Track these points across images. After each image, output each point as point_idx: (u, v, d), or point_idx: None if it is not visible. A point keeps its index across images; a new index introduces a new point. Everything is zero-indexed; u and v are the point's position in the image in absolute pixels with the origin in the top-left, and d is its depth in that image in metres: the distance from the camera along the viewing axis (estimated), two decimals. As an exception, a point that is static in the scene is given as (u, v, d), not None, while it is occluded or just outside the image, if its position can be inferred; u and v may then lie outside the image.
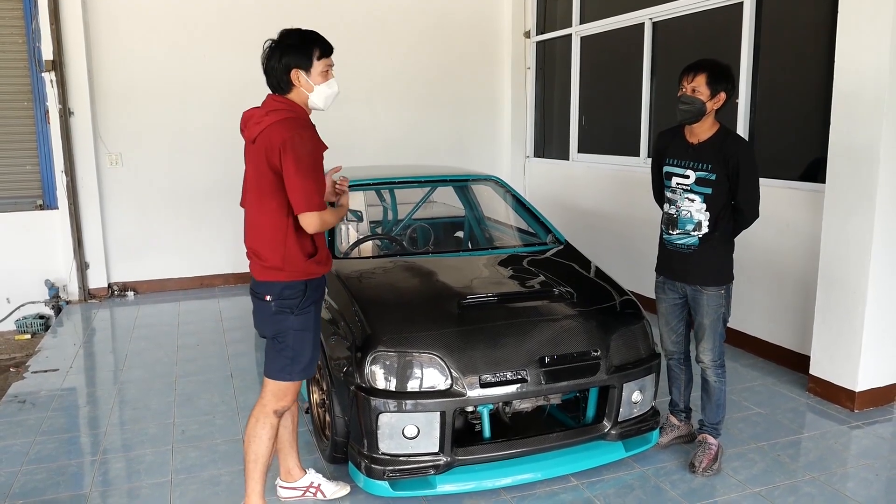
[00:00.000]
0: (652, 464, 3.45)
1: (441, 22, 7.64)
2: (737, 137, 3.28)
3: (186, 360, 4.98)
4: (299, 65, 2.64)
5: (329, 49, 2.70)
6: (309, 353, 2.80)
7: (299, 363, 2.79)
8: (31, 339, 6.05)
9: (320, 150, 2.65)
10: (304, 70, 2.64)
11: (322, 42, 2.69)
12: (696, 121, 3.20)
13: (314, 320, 2.81)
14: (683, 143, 3.31)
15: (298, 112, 2.69)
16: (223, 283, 7.10)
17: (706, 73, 3.16)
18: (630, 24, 6.24)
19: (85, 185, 6.48)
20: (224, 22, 6.79)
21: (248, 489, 2.88)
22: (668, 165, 3.36)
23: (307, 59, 2.63)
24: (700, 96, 3.15)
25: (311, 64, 2.64)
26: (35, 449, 3.68)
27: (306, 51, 2.64)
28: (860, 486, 3.26)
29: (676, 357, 3.57)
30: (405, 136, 7.63)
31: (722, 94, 3.16)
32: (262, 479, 2.87)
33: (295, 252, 2.67)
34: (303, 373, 2.82)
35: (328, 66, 2.68)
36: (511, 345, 3.12)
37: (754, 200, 3.24)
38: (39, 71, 6.21)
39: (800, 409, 4.09)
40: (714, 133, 3.24)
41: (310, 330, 2.78)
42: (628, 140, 6.34)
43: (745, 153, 3.18)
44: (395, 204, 5.34)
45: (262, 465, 2.85)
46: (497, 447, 3.12)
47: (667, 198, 3.39)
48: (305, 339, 2.77)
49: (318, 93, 2.67)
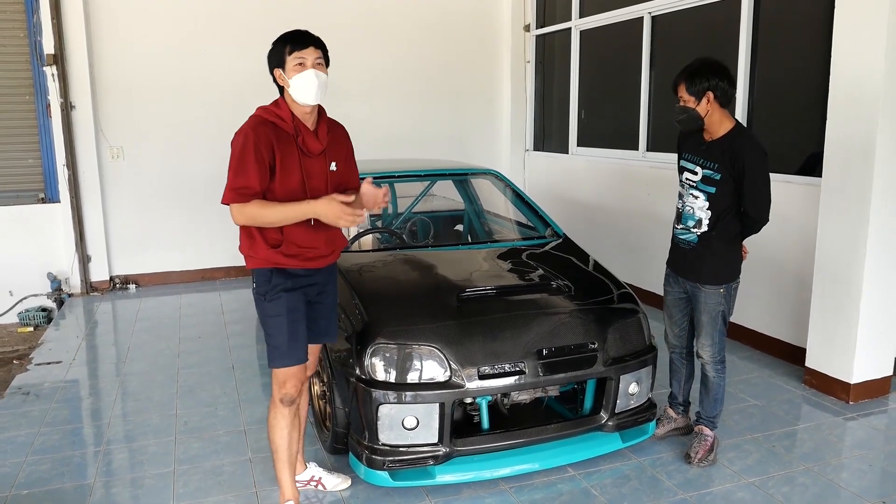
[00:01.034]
0: (648, 455, 3.49)
1: (441, 16, 7.65)
2: (746, 139, 3.20)
3: (188, 353, 5.03)
4: (277, 64, 2.70)
5: (300, 42, 2.68)
6: (285, 340, 2.77)
7: (277, 349, 2.80)
8: (33, 331, 6.09)
9: (250, 146, 2.60)
10: (281, 68, 2.69)
11: (292, 38, 2.69)
12: (695, 127, 3.22)
13: (287, 307, 2.77)
14: (699, 139, 3.30)
15: (280, 111, 2.70)
16: (224, 277, 7.14)
17: (683, 83, 3.17)
18: (629, 18, 6.26)
19: (86, 179, 6.51)
20: (225, 16, 6.80)
21: (278, 480, 2.98)
22: (683, 160, 3.38)
23: (280, 56, 2.68)
24: (689, 104, 3.17)
25: (284, 60, 2.68)
26: (39, 440, 3.72)
27: (279, 49, 2.70)
28: (854, 477, 3.30)
29: (678, 351, 3.60)
30: (405, 131, 7.65)
31: (708, 94, 3.14)
32: (286, 468, 2.94)
33: (259, 240, 2.72)
34: (283, 359, 2.80)
35: (302, 58, 2.66)
36: (509, 337, 3.16)
37: (762, 204, 3.19)
38: (41, 65, 6.23)
39: (795, 401, 4.13)
40: (727, 132, 3.20)
41: (283, 316, 2.76)
42: (627, 134, 6.36)
43: (752, 155, 3.12)
44: (395, 198, 5.36)
45: (282, 454, 2.91)
46: (495, 438, 3.15)
47: (679, 191, 3.41)
48: (279, 324, 2.77)
49: (294, 86, 2.67)
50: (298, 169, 2.70)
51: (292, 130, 2.70)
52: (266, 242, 2.72)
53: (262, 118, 2.70)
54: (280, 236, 2.72)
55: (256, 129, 2.64)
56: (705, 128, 3.25)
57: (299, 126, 2.72)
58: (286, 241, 2.73)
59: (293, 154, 2.69)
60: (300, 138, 2.71)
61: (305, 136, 2.72)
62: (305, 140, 2.72)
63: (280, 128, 2.69)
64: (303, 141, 2.71)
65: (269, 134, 2.65)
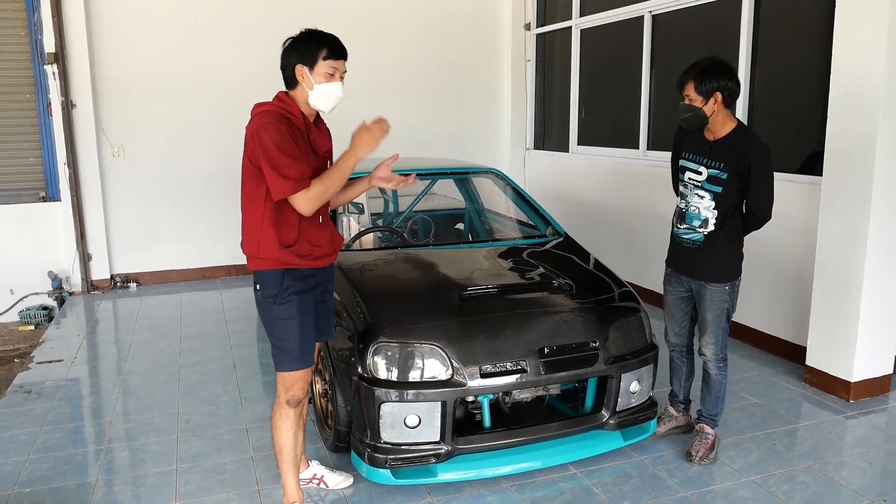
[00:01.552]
0: (649, 453, 3.50)
1: (441, 15, 7.65)
2: (751, 138, 3.21)
3: (189, 351, 5.03)
4: (304, 61, 2.63)
5: (339, 53, 2.66)
6: (297, 343, 2.75)
7: (288, 353, 2.76)
8: (34, 330, 6.10)
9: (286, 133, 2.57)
10: (308, 67, 2.63)
11: (333, 44, 2.65)
12: (699, 126, 3.21)
13: (298, 310, 2.74)
14: (700, 138, 3.29)
15: (288, 107, 2.65)
16: (225, 275, 7.15)
17: (693, 81, 3.14)
18: (630, 17, 6.26)
19: (87, 177, 6.52)
20: (225, 15, 6.79)
21: (282, 481, 2.98)
22: (683, 159, 3.36)
23: (313, 56, 2.62)
24: (696, 103, 3.15)
25: (315, 62, 2.62)
26: (41, 438, 3.73)
27: (313, 49, 2.63)
28: (854, 475, 3.31)
29: (679, 349, 3.60)
30: (406, 130, 7.62)
31: (717, 94, 3.13)
32: (291, 469, 2.93)
33: (270, 240, 2.66)
34: (293, 363, 2.78)
35: (335, 68, 2.64)
36: (511, 336, 3.16)
37: (766, 202, 3.21)
38: (41, 63, 6.23)
39: (796, 400, 4.14)
40: (730, 131, 3.21)
41: (294, 319, 2.73)
42: (628, 132, 6.36)
43: (757, 155, 3.14)
44: (396, 196, 5.37)
45: (286, 455, 2.90)
46: (497, 436, 3.16)
47: (679, 191, 3.41)
48: (291, 328, 2.73)
49: (318, 92, 2.64)
50: (310, 165, 2.67)
51: (303, 127, 2.67)
52: (279, 242, 2.67)
53: (278, 113, 2.63)
54: (297, 234, 2.69)
55: (281, 120, 2.60)
56: (708, 127, 3.25)
57: (308, 123, 2.70)
58: (301, 240, 2.70)
59: (306, 150, 2.66)
60: (311, 136, 2.70)
61: (315, 135, 2.72)
62: (315, 138, 2.71)
63: (294, 123, 2.65)
64: (313, 139, 2.71)
65: (288, 127, 2.60)
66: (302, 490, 3.01)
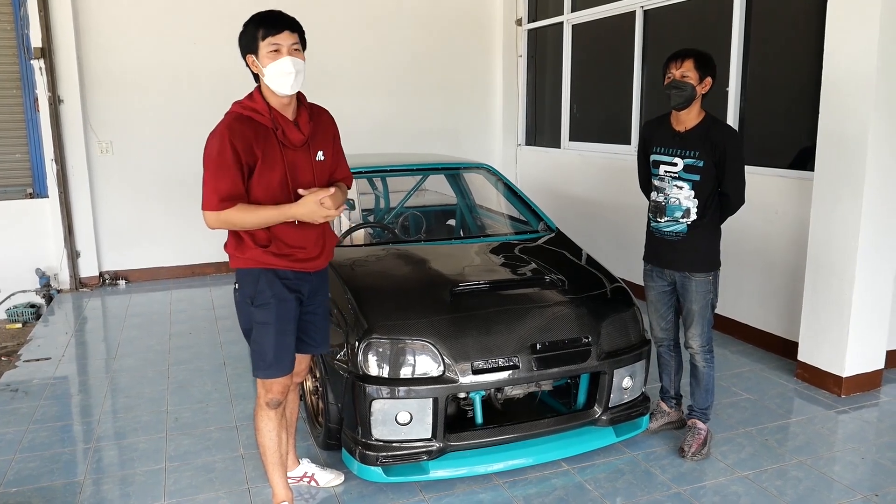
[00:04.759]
0: (642, 449, 3.49)
1: (433, 9, 7.62)
2: (724, 125, 3.35)
3: (179, 349, 4.99)
4: (249, 50, 2.54)
5: (273, 25, 2.49)
6: (271, 351, 2.64)
7: (262, 359, 2.66)
8: (22, 328, 6.04)
9: (227, 148, 2.46)
10: (254, 54, 2.52)
11: (266, 21, 2.50)
12: (686, 105, 3.23)
13: (276, 315, 2.63)
14: (670, 131, 3.35)
15: (255, 104, 2.55)
16: (214, 272, 7.10)
17: (693, 59, 3.22)
18: (621, 13, 6.25)
19: (75, 174, 6.45)
20: (214, 9, 6.74)
21: (269, 482, 2.94)
22: (655, 154, 3.40)
23: (253, 41, 2.51)
24: (690, 81, 3.20)
25: (257, 46, 2.50)
26: (28, 437, 3.69)
27: (251, 33, 2.52)
28: (846, 470, 3.31)
29: (666, 344, 3.61)
30: (397, 125, 7.62)
31: (708, 79, 3.23)
32: (277, 470, 2.88)
33: (246, 240, 2.60)
34: (267, 370, 2.67)
35: (276, 44, 2.47)
36: (503, 332, 3.14)
37: (740, 187, 3.30)
38: (28, 58, 6.17)
39: (787, 395, 4.14)
40: (700, 121, 3.29)
41: (271, 324, 2.62)
42: (619, 128, 6.35)
43: (731, 141, 3.25)
44: (387, 192, 5.34)
45: (271, 456, 2.85)
46: (489, 433, 3.15)
47: (654, 186, 3.42)
48: (266, 333, 2.63)
49: (269, 74, 2.48)
50: (281, 164, 2.55)
51: (270, 123, 2.54)
52: (255, 242, 2.59)
53: (238, 114, 2.54)
54: (268, 235, 2.60)
55: (232, 128, 2.48)
56: (678, 117, 3.30)
57: (277, 118, 2.56)
58: (275, 241, 2.60)
59: (274, 148, 2.54)
60: (279, 131, 2.55)
61: (285, 128, 2.57)
62: (286, 132, 2.57)
63: (257, 122, 2.53)
64: (283, 133, 2.55)
65: (245, 132, 2.49)
66: (291, 489, 2.98)
